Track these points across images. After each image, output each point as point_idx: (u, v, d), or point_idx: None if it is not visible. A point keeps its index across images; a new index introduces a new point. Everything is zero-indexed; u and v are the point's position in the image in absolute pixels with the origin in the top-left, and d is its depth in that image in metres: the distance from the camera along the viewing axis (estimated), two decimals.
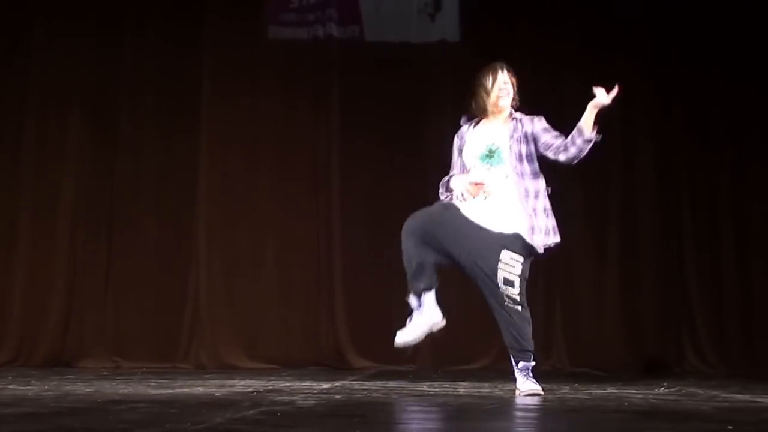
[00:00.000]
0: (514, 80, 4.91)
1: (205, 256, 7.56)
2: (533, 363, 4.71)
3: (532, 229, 4.69)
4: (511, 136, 4.79)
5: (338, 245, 7.60)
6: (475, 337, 7.15)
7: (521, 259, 4.65)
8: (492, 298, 4.65)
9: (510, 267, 4.63)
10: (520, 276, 4.62)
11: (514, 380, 4.68)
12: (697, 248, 7.57)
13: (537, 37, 7.65)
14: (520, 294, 4.61)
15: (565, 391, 4.85)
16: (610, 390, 5.00)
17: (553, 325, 7.51)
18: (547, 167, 4.94)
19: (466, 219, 4.69)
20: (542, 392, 4.60)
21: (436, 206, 4.80)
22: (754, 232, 7.59)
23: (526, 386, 4.63)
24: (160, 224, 7.63)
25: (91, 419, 3.18)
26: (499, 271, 4.60)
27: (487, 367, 7.20)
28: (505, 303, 4.61)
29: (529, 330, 4.67)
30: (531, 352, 4.68)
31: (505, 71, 4.90)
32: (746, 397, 4.62)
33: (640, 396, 4.55)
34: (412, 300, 4.74)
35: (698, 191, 7.64)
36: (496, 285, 4.60)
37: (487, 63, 4.98)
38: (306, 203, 7.70)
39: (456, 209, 4.73)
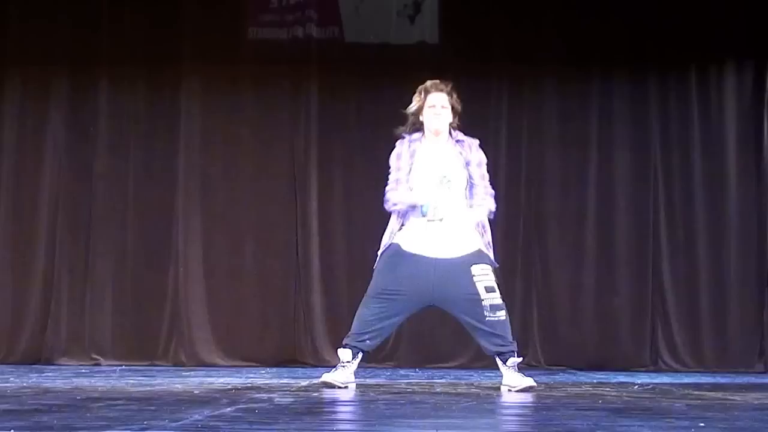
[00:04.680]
0: (452, 101, 4.86)
1: (184, 254, 7.56)
2: (520, 358, 4.86)
3: (487, 244, 4.86)
4: (463, 163, 4.85)
5: (316, 244, 7.62)
6: (452, 337, 7.17)
7: (489, 268, 4.80)
8: (471, 319, 4.76)
9: (485, 275, 4.76)
10: (495, 281, 4.77)
11: (494, 378, 4.74)
12: (671, 249, 7.63)
13: (515, 40, 7.67)
14: (501, 296, 4.75)
15: (540, 388, 4.89)
16: (585, 388, 5.05)
17: (530, 323, 7.55)
18: (526, 167, 5.01)
19: (426, 263, 4.73)
20: (536, 384, 4.72)
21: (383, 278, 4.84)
22: (729, 232, 7.66)
23: (519, 381, 4.74)
24: (138, 223, 7.62)
25: (69, 416, 3.19)
26: (477, 284, 4.71)
27: (464, 365, 7.25)
28: (486, 318, 4.72)
29: (510, 327, 4.81)
30: (515, 346, 4.81)
31: (440, 92, 4.84)
32: (718, 395, 4.69)
33: (614, 393, 4.60)
34: (347, 354, 4.88)
35: (674, 192, 7.70)
36: (480, 298, 4.70)
37: (465, 65, 5.00)
38: (285, 203, 7.70)
39: (408, 259, 4.77)
